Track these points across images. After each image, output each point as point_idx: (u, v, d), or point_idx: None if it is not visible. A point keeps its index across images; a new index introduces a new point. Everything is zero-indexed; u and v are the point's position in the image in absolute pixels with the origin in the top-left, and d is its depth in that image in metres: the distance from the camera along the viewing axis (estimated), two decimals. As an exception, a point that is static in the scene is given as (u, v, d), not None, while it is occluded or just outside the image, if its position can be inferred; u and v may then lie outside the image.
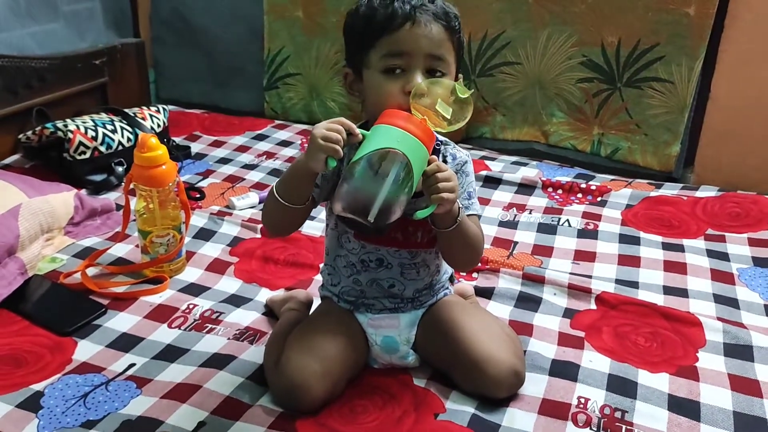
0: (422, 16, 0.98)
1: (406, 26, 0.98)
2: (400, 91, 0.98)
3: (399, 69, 0.98)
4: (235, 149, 2.15)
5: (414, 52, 0.98)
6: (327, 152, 0.90)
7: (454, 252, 1.08)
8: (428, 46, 0.98)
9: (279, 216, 1.04)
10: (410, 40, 0.98)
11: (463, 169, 1.10)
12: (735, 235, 1.61)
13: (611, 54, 2.05)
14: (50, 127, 1.80)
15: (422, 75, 0.98)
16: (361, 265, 1.11)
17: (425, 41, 0.98)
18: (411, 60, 0.98)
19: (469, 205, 1.09)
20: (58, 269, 1.43)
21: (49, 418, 1.03)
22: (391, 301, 1.13)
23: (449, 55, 1.01)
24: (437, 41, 0.99)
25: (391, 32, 0.98)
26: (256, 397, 1.07)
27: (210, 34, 2.54)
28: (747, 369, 1.16)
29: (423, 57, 0.98)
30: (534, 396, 1.08)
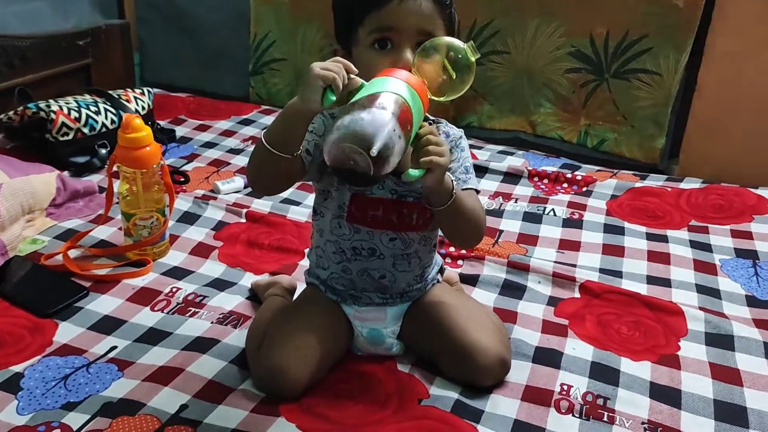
0: None
1: (395, 1, 0.96)
2: (388, 67, 0.95)
3: (388, 44, 0.97)
4: (221, 133, 2.13)
5: (403, 28, 0.96)
6: (326, 81, 0.84)
7: (455, 229, 1.05)
8: (418, 22, 0.96)
9: (265, 168, 0.96)
10: (399, 15, 0.96)
11: (458, 144, 1.10)
12: (718, 226, 1.62)
13: (599, 45, 2.05)
14: (32, 108, 1.78)
15: (412, 51, 0.96)
16: (352, 252, 1.09)
17: (414, 17, 0.96)
18: (400, 36, 0.97)
19: (467, 179, 1.07)
20: (40, 251, 1.41)
21: (29, 399, 1.02)
22: (379, 296, 1.12)
23: (440, 30, 0.99)
24: (427, 17, 0.97)
25: (380, 8, 0.96)
26: (240, 380, 1.07)
27: (196, 17, 2.52)
28: (728, 358, 1.17)
29: (412, 33, 0.96)
30: (517, 383, 1.08)
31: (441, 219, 1.03)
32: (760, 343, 1.20)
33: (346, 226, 1.08)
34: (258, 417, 0.99)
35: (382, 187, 1.06)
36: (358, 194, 1.06)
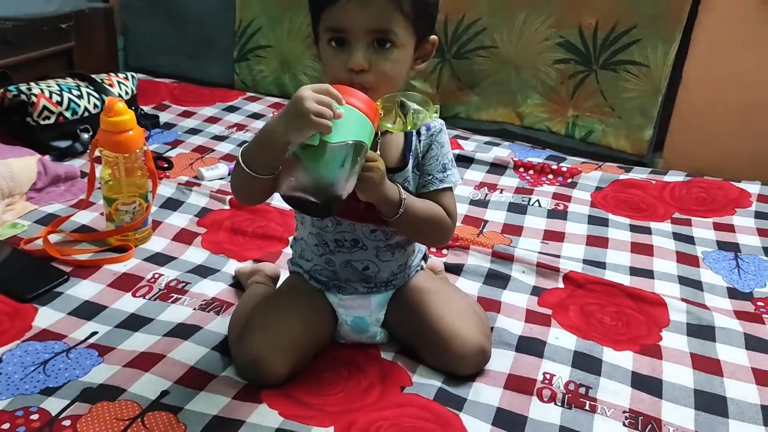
0: None
1: (343, 0, 0.92)
2: (342, 68, 0.95)
3: (344, 43, 0.95)
4: (205, 120, 2.11)
5: (352, 29, 0.93)
6: (319, 129, 0.85)
7: (412, 235, 1.08)
8: (368, 22, 0.93)
9: (247, 186, 0.97)
10: (347, 16, 0.93)
11: (436, 139, 1.08)
12: (701, 219, 1.64)
13: (588, 36, 2.05)
14: (13, 90, 1.75)
15: (365, 50, 0.94)
16: (334, 244, 1.08)
17: (364, 17, 0.92)
18: (351, 36, 0.94)
19: (444, 177, 1.07)
20: (19, 235, 1.39)
21: (7, 384, 1.00)
22: (364, 285, 1.11)
23: (398, 26, 0.94)
24: (378, 16, 0.93)
25: (330, 7, 0.94)
26: (222, 367, 1.06)
27: (181, 2, 2.49)
28: (708, 349, 1.18)
29: (364, 32, 0.93)
30: (500, 371, 1.09)
31: (395, 226, 1.03)
32: (741, 334, 1.21)
33: (328, 218, 1.06)
34: (240, 403, 0.99)
35: None
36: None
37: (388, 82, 0.97)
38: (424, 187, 1.07)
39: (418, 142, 1.07)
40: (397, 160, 1.05)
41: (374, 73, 0.94)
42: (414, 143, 1.06)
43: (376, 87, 0.95)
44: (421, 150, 1.07)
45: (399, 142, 1.06)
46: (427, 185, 1.07)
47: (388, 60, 0.95)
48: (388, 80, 0.97)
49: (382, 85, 0.96)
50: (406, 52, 0.98)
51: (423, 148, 1.07)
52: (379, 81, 0.95)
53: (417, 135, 1.07)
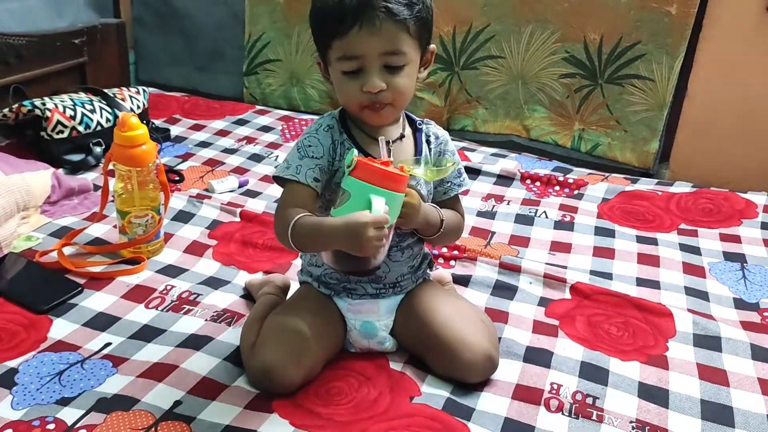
0: (372, 13, 0.96)
1: (355, 29, 0.97)
2: (358, 91, 1.01)
3: (357, 70, 1.00)
4: (216, 133, 2.13)
5: (367, 55, 0.99)
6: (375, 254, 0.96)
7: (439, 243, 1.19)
8: (381, 47, 0.98)
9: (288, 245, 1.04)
10: (361, 43, 0.98)
11: (447, 148, 1.15)
12: (707, 230, 1.64)
13: (593, 51, 2.07)
14: (28, 105, 1.78)
15: (379, 72, 1.00)
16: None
17: (377, 42, 0.98)
18: (365, 61, 0.99)
19: (461, 182, 1.16)
20: (34, 248, 1.42)
21: (24, 394, 1.02)
22: (373, 287, 1.14)
23: (407, 45, 1.00)
24: (390, 39, 0.98)
25: (342, 36, 0.98)
26: (233, 377, 1.08)
27: (191, 17, 2.53)
28: (715, 359, 1.18)
29: (377, 57, 0.99)
30: (508, 381, 1.10)
31: (429, 240, 1.13)
32: (747, 345, 1.22)
33: None
34: (251, 413, 1.00)
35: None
36: None
37: (403, 96, 1.03)
38: (444, 194, 1.15)
39: (428, 150, 1.13)
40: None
41: (390, 91, 1.01)
42: (424, 150, 1.12)
43: (394, 102, 1.03)
44: (433, 156, 1.13)
45: (410, 148, 1.12)
46: (447, 192, 1.16)
47: (401, 77, 1.01)
48: (403, 94, 1.03)
49: (398, 100, 1.03)
50: (414, 66, 1.04)
51: (434, 155, 1.14)
52: (395, 97, 1.02)
53: (427, 143, 1.13)
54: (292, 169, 1.06)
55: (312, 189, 1.05)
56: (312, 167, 1.05)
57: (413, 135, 1.14)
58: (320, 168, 1.06)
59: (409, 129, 1.14)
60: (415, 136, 1.13)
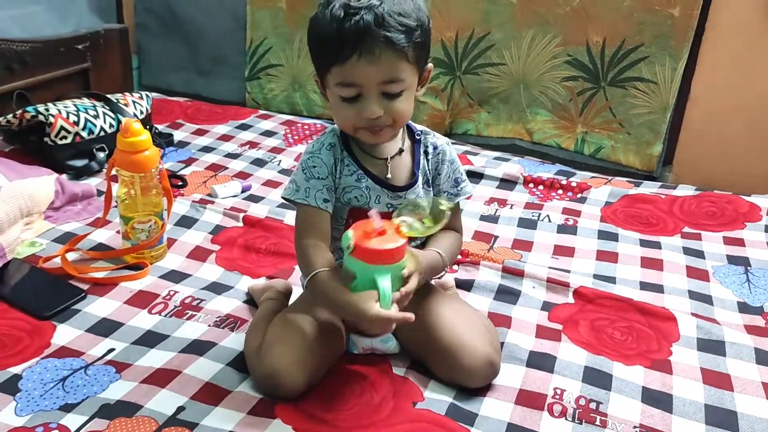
0: (371, 42, 0.96)
1: (354, 58, 0.97)
2: (356, 116, 1.02)
3: (355, 95, 1.01)
4: (218, 138, 2.14)
5: (365, 83, 1.00)
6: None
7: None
8: (380, 76, 0.99)
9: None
10: (360, 72, 0.98)
11: (445, 158, 1.15)
12: (710, 233, 1.64)
13: (596, 53, 2.07)
14: (31, 111, 1.78)
15: (378, 99, 1.01)
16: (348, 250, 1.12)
17: (376, 72, 0.98)
18: (363, 89, 1.00)
19: (457, 192, 1.16)
20: (38, 253, 1.42)
21: (27, 400, 1.03)
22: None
23: (406, 72, 1.01)
24: (389, 68, 0.99)
25: (341, 64, 0.99)
26: (236, 383, 1.08)
27: (194, 22, 2.53)
28: (719, 363, 1.18)
29: (375, 85, 1.00)
30: (511, 386, 1.10)
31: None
32: (751, 349, 1.21)
33: (339, 231, 1.12)
34: (254, 419, 1.00)
35: (378, 201, 1.11)
36: (356, 208, 1.11)
37: (401, 118, 1.05)
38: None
39: (426, 161, 1.14)
40: (407, 178, 1.12)
41: (388, 116, 1.02)
42: (422, 162, 1.13)
43: (393, 124, 1.04)
44: (430, 168, 1.14)
45: (408, 161, 1.13)
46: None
47: (399, 103, 1.02)
48: (402, 117, 1.05)
49: (397, 122, 1.05)
50: (412, 90, 1.05)
51: (432, 167, 1.14)
52: (394, 120, 1.03)
53: (425, 154, 1.14)
54: (301, 192, 1.08)
55: (324, 211, 1.08)
56: (320, 188, 1.08)
57: (411, 148, 1.14)
58: (327, 188, 1.08)
59: (408, 141, 1.15)
60: (413, 149, 1.14)
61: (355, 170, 1.10)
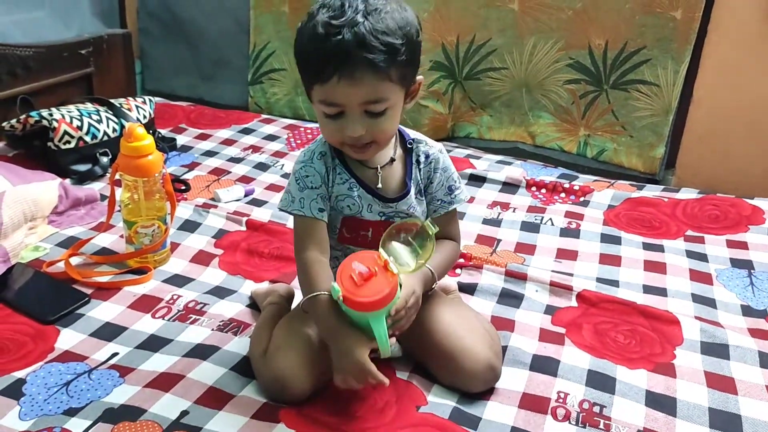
0: (352, 65, 0.94)
1: (334, 79, 0.95)
2: (340, 133, 1.01)
3: (337, 113, 0.99)
4: (221, 142, 2.14)
5: (347, 103, 0.98)
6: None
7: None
8: (361, 97, 0.97)
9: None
10: (341, 93, 0.97)
11: (438, 166, 1.14)
12: (714, 236, 1.64)
13: (598, 56, 2.07)
14: (35, 116, 1.79)
15: (360, 118, 0.99)
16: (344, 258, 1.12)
17: (356, 93, 0.96)
18: (346, 108, 0.99)
19: (451, 199, 1.15)
20: (41, 258, 1.42)
21: (31, 405, 1.03)
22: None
23: (389, 92, 0.98)
24: (370, 90, 0.96)
25: (322, 84, 0.97)
26: (240, 387, 1.08)
27: (197, 26, 2.54)
28: (723, 367, 1.18)
29: (357, 105, 0.98)
30: (514, 390, 1.10)
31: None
32: (755, 352, 1.21)
33: (334, 239, 1.13)
34: (258, 423, 1.00)
35: (371, 210, 1.11)
36: (349, 217, 1.11)
37: (386, 136, 1.04)
38: (435, 212, 1.15)
39: (418, 171, 1.13)
40: (399, 188, 1.12)
41: (371, 134, 1.01)
42: (414, 171, 1.13)
43: (377, 141, 1.03)
44: (422, 177, 1.13)
45: (399, 170, 1.13)
46: (438, 210, 1.15)
47: (382, 121, 1.00)
48: (386, 134, 1.04)
49: (381, 139, 1.03)
50: (397, 107, 1.03)
51: (424, 176, 1.13)
52: (377, 137, 1.02)
53: (417, 163, 1.13)
54: (296, 203, 1.08)
55: (320, 220, 1.08)
56: (314, 198, 1.08)
57: (404, 156, 1.13)
58: (321, 197, 1.08)
59: (400, 150, 1.13)
60: (405, 158, 1.13)
61: (347, 179, 1.10)
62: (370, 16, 0.94)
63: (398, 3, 1.00)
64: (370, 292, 0.93)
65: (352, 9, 0.94)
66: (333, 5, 0.96)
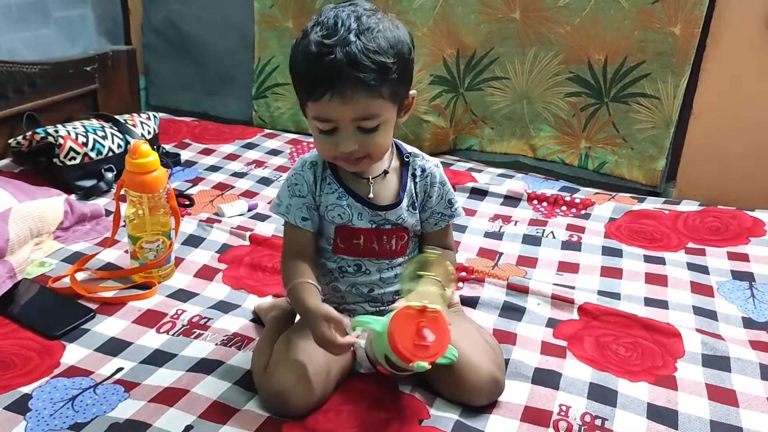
0: (343, 84, 0.96)
1: (326, 97, 0.97)
2: (333, 148, 1.04)
3: (330, 129, 1.02)
4: (225, 157, 2.16)
5: (339, 120, 1.00)
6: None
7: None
8: (353, 114, 0.99)
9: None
10: (333, 110, 0.99)
11: (436, 181, 1.16)
12: (715, 248, 1.65)
13: (598, 70, 2.09)
14: (41, 133, 1.81)
15: (353, 134, 1.02)
16: (339, 272, 1.15)
17: (349, 111, 0.99)
18: (339, 124, 1.01)
19: (452, 213, 1.18)
20: (47, 273, 1.44)
21: (37, 420, 1.04)
22: (371, 305, 1.16)
23: (381, 108, 1.01)
24: (361, 108, 0.99)
25: (315, 101, 1.00)
26: (244, 401, 1.09)
27: (201, 42, 2.57)
28: (724, 379, 1.18)
29: (350, 122, 1.00)
30: (516, 403, 1.10)
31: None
32: (756, 365, 1.22)
33: (329, 251, 1.15)
34: (262, 437, 1.01)
35: (361, 218, 1.13)
36: (341, 226, 1.13)
37: (379, 150, 1.06)
38: (435, 225, 1.18)
39: (414, 183, 1.15)
40: (391, 199, 1.14)
41: (364, 150, 1.03)
42: (409, 184, 1.15)
43: (370, 155, 1.05)
44: (418, 191, 1.15)
45: (394, 182, 1.15)
46: (438, 223, 1.18)
47: (375, 137, 1.03)
48: (378, 150, 1.06)
49: (374, 154, 1.06)
50: (390, 122, 1.05)
51: (420, 189, 1.15)
52: (370, 152, 1.05)
53: (412, 177, 1.15)
54: (282, 207, 1.13)
55: (303, 229, 1.12)
56: (300, 206, 1.12)
57: (399, 169, 1.15)
58: (307, 206, 1.12)
59: (396, 162, 1.16)
60: (401, 170, 1.15)
61: (336, 188, 1.12)
62: (363, 36, 0.96)
63: (391, 21, 1.02)
64: (439, 347, 0.99)
65: (345, 28, 0.97)
66: (326, 24, 0.98)
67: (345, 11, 0.99)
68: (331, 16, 0.99)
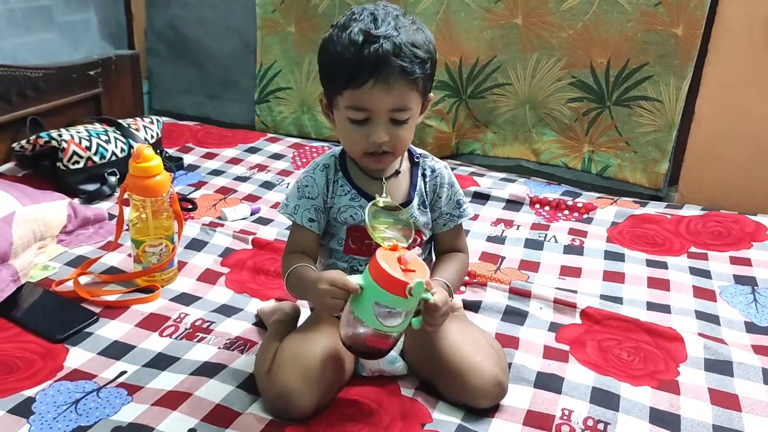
0: (388, 71, 1.00)
1: (369, 84, 1.01)
2: (364, 139, 1.06)
3: (363, 119, 1.04)
4: (228, 161, 2.17)
5: (376, 109, 1.03)
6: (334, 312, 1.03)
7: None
8: (391, 103, 1.03)
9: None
10: (373, 98, 1.02)
11: (445, 182, 1.19)
12: (717, 253, 1.65)
13: (601, 74, 2.09)
14: (44, 137, 1.82)
15: (386, 125, 1.04)
16: (350, 271, 1.15)
17: (388, 99, 1.02)
18: (374, 114, 1.04)
19: (460, 213, 1.20)
20: (51, 277, 1.44)
21: (41, 423, 1.04)
22: None
23: (414, 102, 1.05)
24: (401, 97, 1.03)
25: (355, 87, 1.02)
26: (246, 404, 1.09)
27: (204, 47, 2.57)
28: (726, 384, 1.18)
29: (385, 112, 1.04)
30: (519, 407, 1.10)
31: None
32: (759, 369, 1.21)
33: (340, 251, 1.16)
34: (264, 441, 1.01)
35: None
36: (353, 227, 1.14)
37: (403, 146, 1.10)
38: (444, 225, 1.19)
39: (423, 183, 1.18)
40: (402, 198, 1.16)
41: (392, 142, 1.06)
42: (419, 183, 1.17)
43: (394, 151, 1.08)
44: (428, 191, 1.18)
45: (405, 182, 1.17)
46: (447, 223, 1.19)
47: (404, 130, 1.06)
48: (404, 144, 1.09)
49: (398, 149, 1.09)
50: (416, 118, 1.10)
51: (429, 189, 1.18)
52: (396, 147, 1.08)
53: (422, 176, 1.18)
54: (290, 208, 1.15)
55: (309, 230, 1.13)
56: (308, 208, 1.13)
57: (410, 170, 1.18)
58: (316, 208, 1.13)
59: (406, 163, 1.18)
60: (411, 171, 1.18)
61: (348, 190, 1.14)
62: (402, 30, 1.02)
63: (418, 25, 1.07)
64: (423, 273, 0.99)
65: (386, 24, 1.02)
66: (365, 19, 1.02)
67: (379, 10, 1.04)
68: (366, 13, 1.04)
